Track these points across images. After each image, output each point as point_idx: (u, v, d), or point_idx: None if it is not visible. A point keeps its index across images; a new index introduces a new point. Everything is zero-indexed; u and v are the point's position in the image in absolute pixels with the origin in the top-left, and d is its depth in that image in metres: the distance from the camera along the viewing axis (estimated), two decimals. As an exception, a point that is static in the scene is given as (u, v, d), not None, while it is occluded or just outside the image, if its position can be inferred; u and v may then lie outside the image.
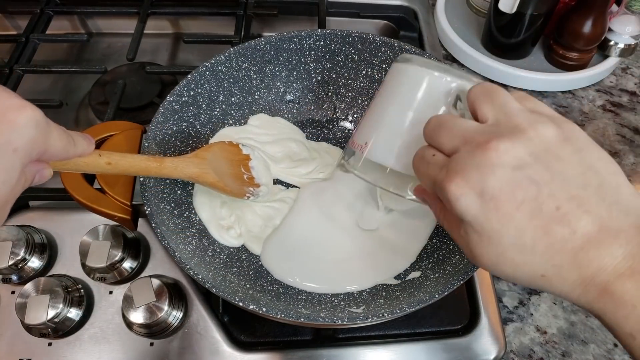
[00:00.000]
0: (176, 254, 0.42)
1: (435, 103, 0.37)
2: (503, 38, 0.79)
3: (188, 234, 0.50)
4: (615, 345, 0.57)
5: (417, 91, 0.38)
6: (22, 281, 0.51)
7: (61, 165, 0.34)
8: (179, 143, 0.54)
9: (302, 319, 0.40)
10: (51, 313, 0.47)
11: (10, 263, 0.50)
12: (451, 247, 0.52)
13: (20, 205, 0.57)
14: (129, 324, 0.49)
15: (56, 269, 0.54)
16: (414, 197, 0.39)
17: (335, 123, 0.65)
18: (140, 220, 0.52)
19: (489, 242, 0.28)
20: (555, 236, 0.27)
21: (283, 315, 0.40)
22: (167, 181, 0.51)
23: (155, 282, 0.49)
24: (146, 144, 0.49)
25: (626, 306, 0.26)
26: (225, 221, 0.54)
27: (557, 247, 0.27)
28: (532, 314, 0.59)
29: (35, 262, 0.52)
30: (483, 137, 0.29)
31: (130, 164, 0.41)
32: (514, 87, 0.82)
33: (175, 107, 0.53)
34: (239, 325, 0.53)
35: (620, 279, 0.26)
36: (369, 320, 0.40)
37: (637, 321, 0.26)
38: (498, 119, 0.30)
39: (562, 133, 0.29)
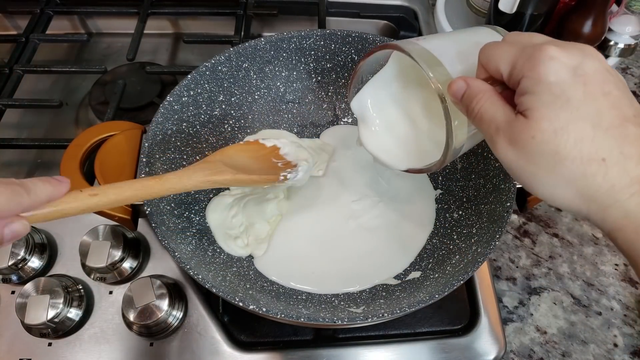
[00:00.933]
0: (176, 254, 0.42)
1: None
2: (503, 38, 0.79)
3: (188, 234, 0.50)
4: (616, 345, 0.57)
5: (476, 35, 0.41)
6: (22, 281, 0.51)
7: (41, 217, 0.32)
8: (179, 143, 0.54)
9: (302, 319, 0.40)
10: (51, 313, 0.47)
11: (10, 263, 0.50)
12: (451, 247, 0.52)
13: (20, 205, 0.57)
14: (129, 324, 0.49)
15: (56, 269, 0.54)
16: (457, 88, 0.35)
17: (335, 123, 0.65)
18: (140, 220, 0.52)
19: (563, 105, 0.29)
20: (629, 131, 0.28)
21: (283, 315, 0.40)
22: (167, 181, 0.51)
23: (155, 282, 0.49)
24: (146, 144, 0.49)
25: None
26: (233, 231, 0.53)
27: (631, 139, 0.28)
28: (532, 314, 0.59)
29: (35, 262, 0.52)
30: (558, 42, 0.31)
31: (122, 190, 0.37)
32: (514, 87, 0.82)
33: (175, 107, 0.53)
34: (239, 325, 0.53)
35: None
36: (369, 320, 0.40)
37: None
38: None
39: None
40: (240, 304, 0.40)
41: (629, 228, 0.29)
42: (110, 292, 0.52)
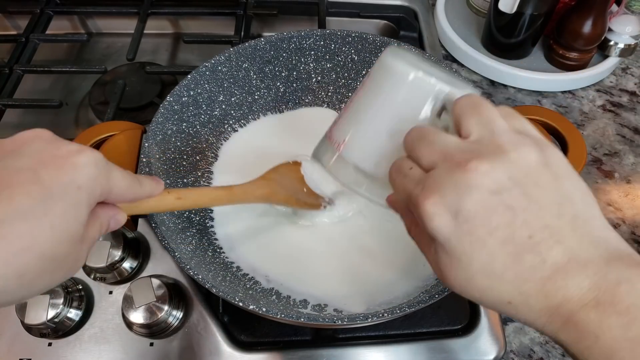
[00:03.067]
0: (176, 254, 0.42)
1: (418, 107, 0.34)
2: (503, 38, 0.79)
3: (188, 234, 0.50)
4: (615, 345, 0.57)
5: (400, 91, 0.35)
6: (22, 281, 0.51)
7: (133, 207, 0.35)
8: (179, 143, 0.54)
9: (302, 319, 0.40)
10: (51, 313, 0.47)
11: (10, 263, 0.50)
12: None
13: (20, 205, 0.57)
14: (129, 324, 0.49)
15: (56, 269, 0.54)
16: (386, 205, 0.37)
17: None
18: (140, 220, 0.52)
19: (458, 265, 0.28)
20: (525, 264, 0.26)
21: (283, 315, 0.40)
22: (167, 181, 0.51)
23: (155, 282, 0.49)
24: (146, 144, 0.49)
25: (589, 337, 0.26)
26: None
27: (526, 275, 0.27)
28: (532, 314, 0.59)
29: (35, 262, 0.52)
30: (464, 155, 0.28)
31: (199, 196, 0.43)
32: (514, 87, 0.82)
33: (175, 107, 0.53)
34: (239, 325, 0.53)
35: (584, 310, 0.26)
36: (369, 320, 0.40)
37: (600, 352, 0.26)
38: (482, 136, 0.29)
39: (543, 158, 0.28)
40: (240, 304, 0.40)
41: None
42: (110, 292, 0.53)
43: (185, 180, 0.54)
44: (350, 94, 0.64)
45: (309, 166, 0.53)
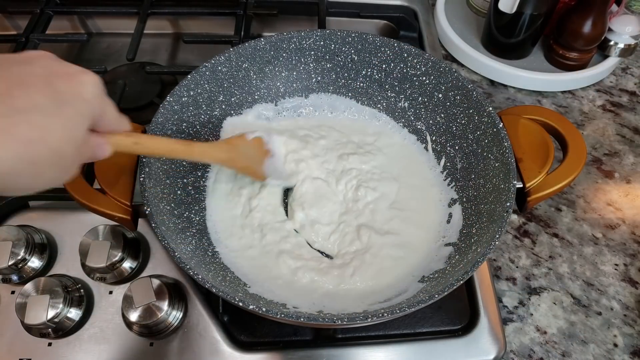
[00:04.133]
0: (176, 254, 0.42)
1: None
2: (503, 38, 0.79)
3: (188, 234, 0.50)
4: (616, 345, 0.57)
5: None
6: (22, 281, 0.51)
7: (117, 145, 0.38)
8: (179, 143, 0.54)
9: (302, 319, 0.40)
10: (51, 313, 0.47)
11: (10, 263, 0.50)
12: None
13: (20, 205, 0.57)
14: (129, 324, 0.49)
15: (56, 269, 0.54)
16: None
17: (335, 123, 0.65)
18: (140, 220, 0.52)
19: None
20: None
21: (283, 315, 0.40)
22: (167, 181, 0.51)
23: (155, 282, 0.49)
24: (146, 144, 0.49)
25: None
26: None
27: None
28: (532, 314, 0.59)
29: (35, 262, 0.52)
30: None
31: (156, 145, 0.43)
32: (514, 87, 0.82)
33: (175, 107, 0.53)
34: (239, 325, 0.53)
35: None
36: (369, 320, 0.40)
37: None
38: None
39: None
40: (240, 304, 0.40)
41: None
42: (110, 292, 0.52)
43: (185, 180, 0.54)
44: (350, 94, 0.64)
45: (279, 143, 0.57)
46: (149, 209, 0.45)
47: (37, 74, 0.30)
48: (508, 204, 0.46)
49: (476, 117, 0.54)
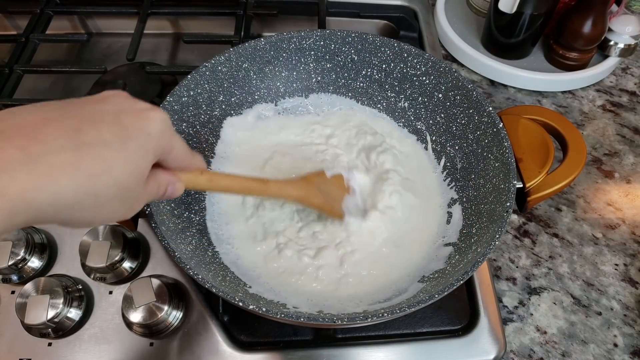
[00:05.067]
0: (176, 254, 0.42)
1: None
2: (503, 38, 0.79)
3: (188, 234, 0.50)
4: (616, 345, 0.57)
5: None
6: (22, 281, 0.51)
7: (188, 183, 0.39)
8: (179, 143, 0.54)
9: (302, 319, 0.40)
10: (51, 313, 0.47)
11: (10, 263, 0.50)
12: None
13: (20, 205, 0.57)
14: (129, 324, 0.49)
15: (56, 269, 0.54)
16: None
17: (335, 123, 0.65)
18: (140, 220, 0.52)
19: None
20: None
21: (283, 315, 0.40)
22: (167, 181, 0.51)
23: (155, 282, 0.49)
24: (146, 144, 0.49)
25: None
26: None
27: None
28: (532, 314, 0.59)
29: (35, 262, 0.52)
30: None
31: (231, 182, 0.44)
32: (514, 87, 0.82)
33: (175, 107, 0.53)
34: (239, 325, 0.53)
35: None
36: (369, 320, 0.40)
37: None
38: None
39: None
40: (240, 304, 0.40)
41: None
42: (110, 292, 0.52)
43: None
44: (350, 94, 0.64)
45: (361, 179, 0.56)
46: (149, 209, 0.45)
47: (108, 111, 0.32)
48: (508, 204, 0.46)
49: (476, 117, 0.54)
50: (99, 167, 0.29)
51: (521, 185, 0.50)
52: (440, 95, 0.58)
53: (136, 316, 0.48)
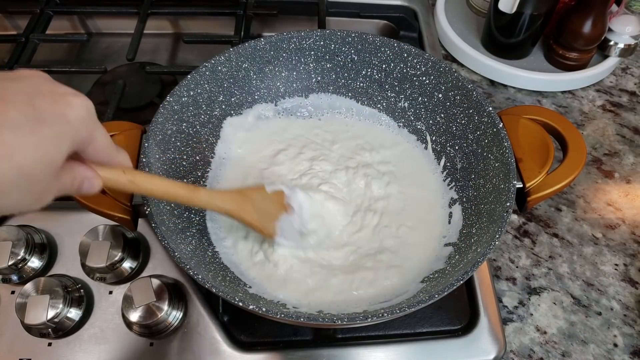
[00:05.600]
0: (176, 254, 0.42)
1: None
2: (503, 38, 0.79)
3: (188, 234, 0.50)
4: (616, 345, 0.57)
5: None
6: (22, 281, 0.51)
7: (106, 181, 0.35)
8: (179, 143, 0.54)
9: (302, 319, 0.40)
10: (51, 313, 0.47)
11: (10, 263, 0.50)
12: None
13: (20, 205, 0.57)
14: (129, 324, 0.49)
15: (56, 269, 0.54)
16: None
17: (335, 123, 0.65)
18: (140, 220, 0.52)
19: None
20: None
21: (283, 315, 0.40)
22: (167, 181, 0.51)
23: (155, 282, 0.49)
24: (146, 144, 0.49)
25: None
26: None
27: None
28: (532, 314, 0.59)
29: (35, 262, 0.52)
30: None
31: (155, 187, 0.40)
32: (514, 87, 0.82)
33: (175, 107, 0.53)
34: (239, 325, 0.53)
35: None
36: (369, 320, 0.40)
37: None
38: None
39: None
40: (240, 304, 0.40)
41: None
42: (110, 292, 0.53)
43: (185, 180, 0.54)
44: (350, 94, 0.64)
45: (303, 199, 0.53)
46: (149, 209, 0.45)
47: (21, 91, 0.29)
48: (508, 204, 0.46)
49: (476, 117, 0.54)
50: (1, 151, 0.26)
51: (521, 185, 0.50)
52: (440, 95, 0.58)
53: (136, 316, 0.48)
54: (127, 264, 0.52)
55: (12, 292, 0.52)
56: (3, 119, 0.27)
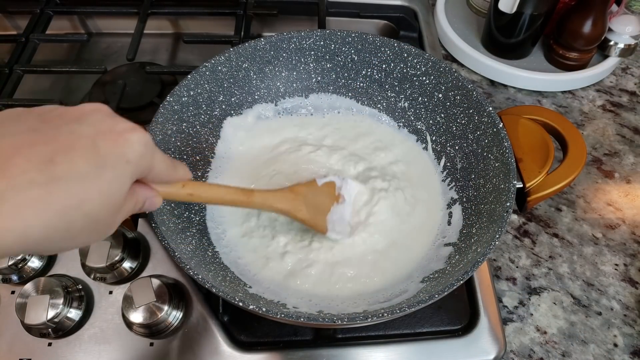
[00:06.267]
0: (176, 254, 0.42)
1: None
2: (503, 38, 0.79)
3: (188, 234, 0.50)
4: (616, 345, 0.57)
5: None
6: (22, 281, 0.51)
7: (168, 195, 0.38)
8: (179, 143, 0.54)
9: (302, 319, 0.40)
10: (51, 313, 0.47)
11: (10, 263, 0.50)
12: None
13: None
14: (129, 324, 0.49)
15: (56, 269, 0.54)
16: None
17: (335, 123, 0.65)
18: (140, 220, 0.52)
19: None
20: None
21: (283, 315, 0.40)
22: (167, 181, 0.51)
23: (155, 282, 0.49)
24: (146, 144, 0.49)
25: None
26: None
27: None
28: (532, 314, 0.59)
29: (35, 262, 0.52)
30: None
31: (213, 195, 0.42)
32: (514, 87, 0.82)
33: (175, 107, 0.53)
34: (239, 325, 0.53)
35: None
36: (369, 320, 0.40)
37: None
38: None
39: None
40: (240, 304, 0.40)
41: None
42: (110, 292, 0.53)
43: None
44: (350, 94, 0.64)
45: (355, 188, 0.54)
46: (149, 209, 0.45)
47: (85, 134, 0.29)
48: (508, 204, 0.46)
49: (476, 117, 0.54)
50: (70, 202, 0.27)
51: (521, 185, 0.50)
52: (440, 95, 0.58)
53: (136, 316, 0.48)
54: (127, 264, 0.52)
55: (12, 292, 0.52)
56: (72, 170, 0.28)
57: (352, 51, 0.60)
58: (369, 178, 0.58)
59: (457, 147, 0.57)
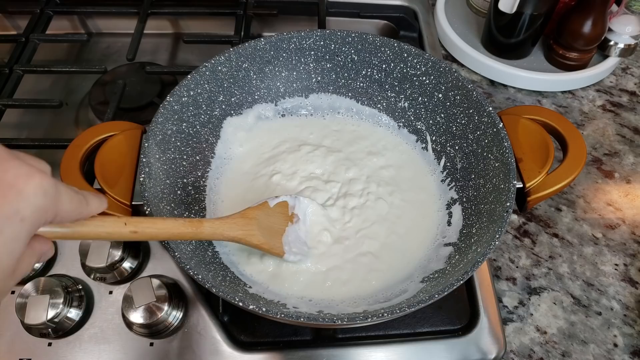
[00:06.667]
0: (176, 254, 0.42)
1: None
2: (503, 38, 0.79)
3: (188, 234, 0.50)
4: (616, 345, 0.57)
5: None
6: (22, 281, 0.51)
7: (84, 234, 0.33)
8: (179, 143, 0.54)
9: (302, 319, 0.40)
10: (51, 313, 0.47)
11: (10, 263, 0.50)
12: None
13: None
14: (129, 324, 0.49)
15: (56, 269, 0.54)
16: None
17: (335, 123, 0.65)
18: (141, 221, 0.52)
19: None
20: None
21: (283, 315, 0.40)
22: (167, 181, 0.51)
23: (155, 282, 0.49)
24: (146, 144, 0.49)
25: None
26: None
27: None
28: (532, 314, 0.59)
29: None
30: None
31: (159, 231, 0.39)
32: (514, 87, 0.82)
33: (175, 107, 0.53)
34: (239, 325, 0.53)
35: None
36: (369, 320, 0.40)
37: None
38: None
39: None
40: (240, 304, 0.40)
41: None
42: (110, 292, 0.52)
43: (185, 180, 0.54)
44: (350, 94, 0.64)
45: (309, 206, 0.53)
46: (149, 209, 0.45)
47: None
48: (508, 204, 0.46)
49: (476, 117, 0.54)
50: None
51: (521, 185, 0.50)
52: (440, 95, 0.58)
53: (136, 316, 0.48)
54: (127, 264, 0.52)
55: (12, 292, 0.52)
56: None
57: (352, 51, 0.61)
58: (369, 182, 0.58)
59: (457, 147, 0.57)
